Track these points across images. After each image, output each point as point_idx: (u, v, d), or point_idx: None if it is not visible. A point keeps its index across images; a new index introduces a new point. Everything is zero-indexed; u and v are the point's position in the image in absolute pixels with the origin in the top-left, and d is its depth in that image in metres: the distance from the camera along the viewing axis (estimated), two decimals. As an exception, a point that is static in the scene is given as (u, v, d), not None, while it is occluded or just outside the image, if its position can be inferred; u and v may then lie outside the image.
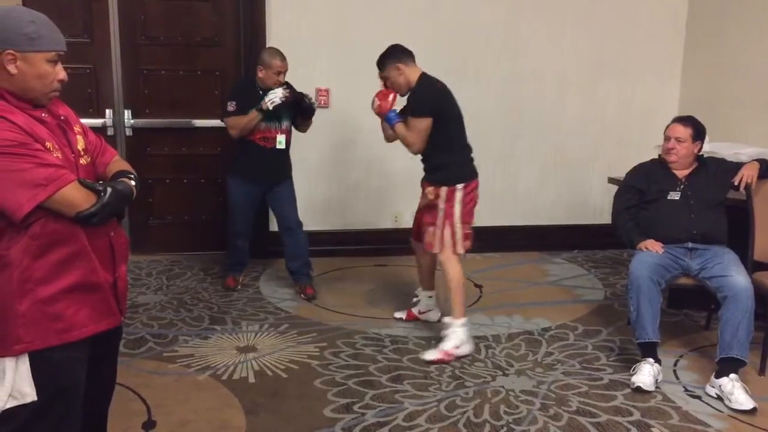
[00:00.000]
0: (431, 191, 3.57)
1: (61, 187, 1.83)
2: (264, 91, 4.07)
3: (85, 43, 4.81)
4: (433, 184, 3.57)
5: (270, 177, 4.26)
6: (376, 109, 3.64)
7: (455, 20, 5.11)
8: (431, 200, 3.58)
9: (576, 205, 5.58)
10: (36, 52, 1.87)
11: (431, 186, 3.58)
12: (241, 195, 4.28)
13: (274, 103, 4.01)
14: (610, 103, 5.48)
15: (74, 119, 2.07)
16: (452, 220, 3.53)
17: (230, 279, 4.51)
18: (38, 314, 1.89)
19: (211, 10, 4.95)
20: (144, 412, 2.95)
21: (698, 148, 3.55)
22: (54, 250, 1.89)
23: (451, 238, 3.54)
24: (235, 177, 4.27)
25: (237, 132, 4.09)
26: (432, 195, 3.57)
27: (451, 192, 3.53)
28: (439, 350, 3.51)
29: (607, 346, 3.71)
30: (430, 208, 3.61)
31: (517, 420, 2.94)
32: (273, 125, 4.13)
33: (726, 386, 3.08)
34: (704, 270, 3.37)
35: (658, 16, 5.41)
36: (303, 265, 4.39)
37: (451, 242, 3.55)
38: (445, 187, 3.53)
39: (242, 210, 4.32)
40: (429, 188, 3.59)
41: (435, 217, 3.56)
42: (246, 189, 4.25)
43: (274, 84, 4.05)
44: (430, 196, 3.58)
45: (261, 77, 4.09)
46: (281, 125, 4.16)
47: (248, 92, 4.11)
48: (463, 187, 3.55)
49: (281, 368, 3.38)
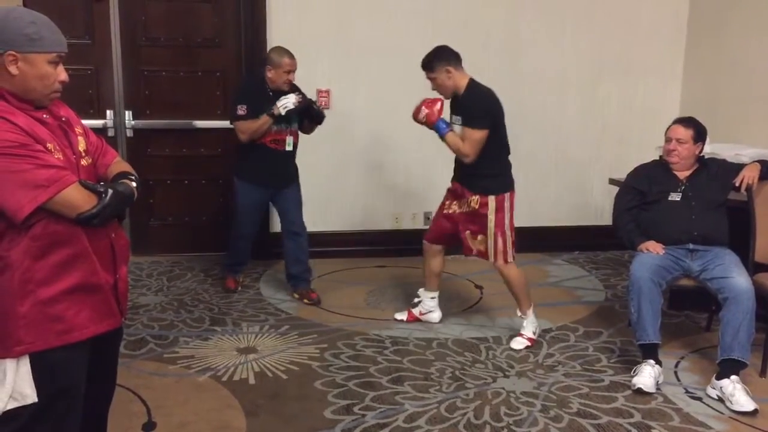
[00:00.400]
0: (476, 200, 3.58)
1: (62, 188, 1.83)
2: (273, 92, 4.02)
3: (87, 44, 4.82)
4: (479, 193, 3.58)
5: (279, 180, 4.21)
6: (423, 118, 3.54)
7: (455, 21, 5.11)
8: (476, 209, 3.59)
9: (577, 206, 5.58)
10: (37, 53, 1.87)
11: (476, 195, 3.58)
12: (249, 197, 4.22)
13: (287, 108, 3.95)
14: (610, 104, 5.48)
15: (75, 120, 2.07)
16: (504, 229, 3.59)
17: (231, 280, 4.48)
18: (39, 315, 1.89)
19: (211, 11, 4.95)
20: (144, 413, 2.95)
21: (699, 149, 3.54)
22: (55, 252, 1.89)
23: (504, 246, 3.61)
24: (244, 179, 4.21)
25: (247, 137, 4.02)
26: (477, 204, 3.58)
27: (501, 201, 3.58)
28: (524, 338, 3.70)
29: (608, 348, 3.70)
30: (472, 215, 3.62)
31: (517, 422, 2.93)
32: (284, 127, 4.10)
33: (727, 388, 3.08)
34: (705, 271, 3.37)
35: (659, 16, 5.41)
36: (305, 270, 4.36)
37: (503, 250, 3.62)
38: (494, 197, 3.57)
39: (250, 212, 4.28)
40: (474, 197, 3.59)
41: (483, 226, 3.59)
42: (255, 191, 4.21)
43: (284, 83, 4.01)
44: (474, 205, 3.59)
45: (270, 77, 4.03)
46: (291, 127, 4.14)
47: (257, 93, 4.04)
48: (509, 195, 3.63)
49: (281, 369, 3.38)
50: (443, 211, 3.78)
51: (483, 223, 3.58)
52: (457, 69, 3.57)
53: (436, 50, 3.59)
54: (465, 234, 3.67)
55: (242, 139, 4.04)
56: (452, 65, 3.55)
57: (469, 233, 3.65)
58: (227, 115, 5.07)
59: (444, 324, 4.00)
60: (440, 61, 3.54)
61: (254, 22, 4.90)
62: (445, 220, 3.76)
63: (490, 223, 3.57)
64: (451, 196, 3.74)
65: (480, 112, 3.51)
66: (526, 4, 5.23)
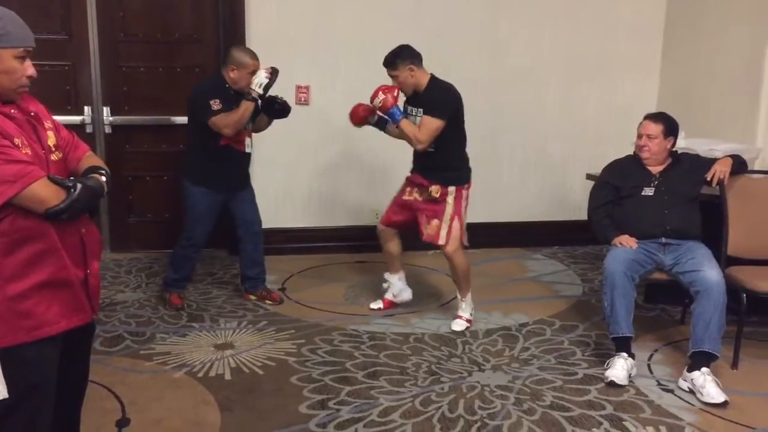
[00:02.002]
0: (437, 189, 3.74)
1: (29, 183, 1.84)
2: (237, 93, 3.82)
3: (63, 39, 4.78)
4: (440, 183, 3.74)
5: (239, 182, 4.06)
6: (380, 103, 3.67)
7: (435, 20, 5.12)
8: (435, 197, 3.75)
9: (556, 201, 5.62)
10: (3, 49, 1.87)
11: (436, 185, 3.74)
12: (206, 204, 3.96)
13: (261, 84, 3.75)
14: (589, 101, 5.52)
15: (45, 115, 2.07)
16: (461, 216, 3.79)
17: (175, 296, 4.14)
18: (8, 312, 1.89)
19: (190, 7, 4.94)
20: (118, 409, 2.95)
21: (671, 144, 3.58)
22: (24, 247, 1.89)
23: (459, 232, 3.80)
24: (200, 184, 3.93)
25: (232, 129, 3.77)
26: (437, 193, 3.74)
27: (459, 191, 3.77)
28: (464, 319, 3.91)
29: (583, 341, 3.74)
30: (430, 203, 3.79)
31: (491, 415, 2.96)
32: (244, 127, 3.90)
33: (698, 380, 3.12)
34: (677, 265, 3.41)
35: (637, 13, 5.45)
36: (262, 271, 4.23)
37: (458, 236, 3.80)
38: (454, 188, 3.76)
39: (207, 220, 4.01)
40: (434, 186, 3.74)
41: (440, 212, 3.76)
42: (212, 197, 3.96)
43: (247, 85, 3.79)
44: (435, 195, 3.75)
45: (234, 78, 3.80)
46: (247, 128, 3.94)
47: (224, 92, 3.81)
48: (467, 186, 3.83)
49: (258, 365, 3.39)
50: (402, 198, 3.94)
51: (440, 210, 3.77)
52: (419, 67, 3.71)
53: (399, 49, 3.72)
54: (421, 219, 3.84)
55: (227, 134, 3.79)
56: (415, 64, 3.69)
57: (425, 218, 3.82)
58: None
59: (421, 319, 4.02)
60: (403, 60, 3.67)
61: (233, 17, 4.88)
62: (403, 206, 3.93)
63: (448, 208, 3.76)
64: (411, 185, 3.90)
65: (442, 103, 3.68)
66: (505, 4, 5.25)
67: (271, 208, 5.09)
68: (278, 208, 5.12)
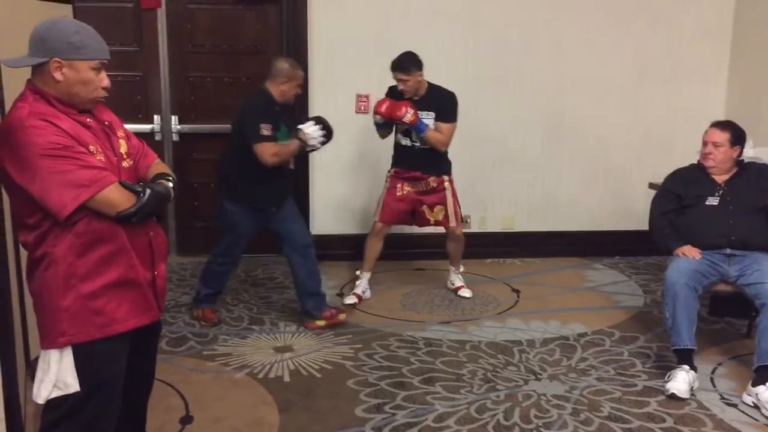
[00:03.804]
0: (434, 179, 4.29)
1: (102, 187, 1.94)
2: (280, 106, 3.78)
3: (135, 51, 4.99)
4: (436, 175, 4.29)
5: (284, 199, 3.92)
6: (410, 117, 4.08)
7: (496, 24, 5.12)
8: (434, 187, 4.29)
9: (619, 211, 5.52)
10: (81, 60, 1.98)
11: (433, 176, 4.28)
12: (248, 223, 3.85)
13: (314, 145, 3.75)
14: (653, 108, 5.41)
15: (118, 124, 2.18)
16: (457, 199, 4.39)
17: (209, 311, 4.03)
18: (81, 309, 1.99)
19: (255, 19, 5.08)
20: (182, 407, 3.06)
21: (737, 152, 3.50)
22: (96, 248, 1.99)
23: (459, 211, 4.42)
24: (243, 203, 3.80)
25: (278, 160, 3.70)
26: (435, 183, 4.29)
27: (451, 179, 4.36)
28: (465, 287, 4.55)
29: (644, 353, 3.67)
30: (430, 192, 4.30)
31: (547, 424, 2.94)
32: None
33: (762, 395, 3.03)
34: (743, 276, 3.32)
35: (703, 18, 5.32)
36: (320, 281, 4.03)
37: (459, 214, 4.42)
38: (448, 176, 4.34)
39: (244, 239, 3.93)
40: (431, 178, 4.28)
41: (441, 198, 4.32)
42: (255, 216, 3.84)
43: (293, 96, 3.83)
44: (433, 184, 4.29)
45: (284, 90, 3.77)
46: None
47: (270, 110, 3.75)
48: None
49: (316, 368, 3.45)
50: (396, 194, 4.33)
51: (441, 196, 4.32)
52: (423, 74, 4.16)
53: (412, 56, 4.11)
54: (422, 208, 4.33)
55: (269, 163, 3.67)
56: (422, 70, 4.13)
57: (427, 207, 4.32)
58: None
59: (478, 327, 4.02)
60: (415, 67, 4.09)
61: (296, 29, 5.00)
62: (400, 202, 4.32)
63: (449, 194, 4.32)
64: (400, 182, 4.32)
65: (454, 109, 4.22)
66: (568, 8, 5.21)
67: (331, 215, 5.18)
68: (338, 215, 5.19)
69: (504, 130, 5.27)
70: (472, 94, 5.10)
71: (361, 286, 4.44)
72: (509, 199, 5.39)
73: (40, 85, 1.97)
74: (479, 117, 5.16)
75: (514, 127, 5.28)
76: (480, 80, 5.16)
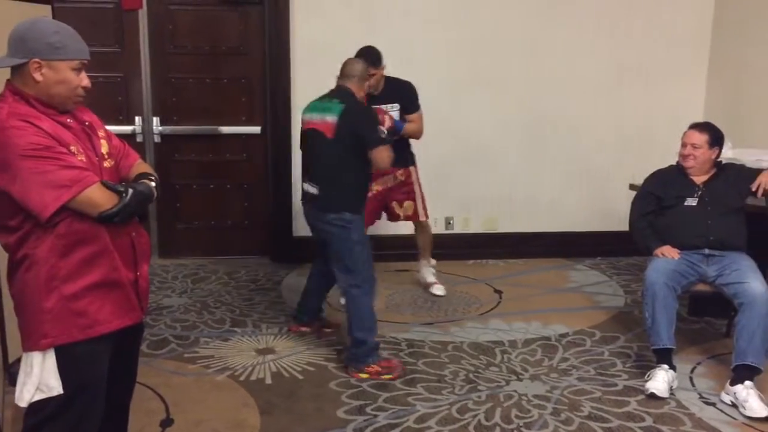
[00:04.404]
0: (402, 173, 4.24)
1: (84, 188, 1.93)
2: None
3: (116, 52, 4.96)
4: (402, 166, 4.19)
5: None
6: (389, 125, 3.66)
7: (477, 29, 5.14)
8: (402, 180, 4.25)
9: (600, 212, 5.55)
10: (60, 61, 1.97)
11: (401, 169, 4.19)
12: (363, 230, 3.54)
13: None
14: (633, 110, 5.45)
15: (98, 125, 2.17)
16: (422, 190, 4.37)
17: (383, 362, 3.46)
18: (63, 310, 1.98)
19: (237, 20, 5.06)
20: (162, 410, 3.04)
21: (716, 154, 3.53)
22: (78, 249, 1.98)
23: (426, 204, 4.41)
24: (360, 213, 3.47)
25: (386, 165, 3.47)
26: (403, 176, 4.25)
27: (416, 170, 4.34)
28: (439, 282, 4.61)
29: (624, 353, 3.70)
30: (399, 187, 4.26)
31: (528, 424, 2.96)
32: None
33: (740, 393, 3.06)
34: (721, 276, 3.36)
35: (683, 20, 5.36)
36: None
37: (426, 207, 4.41)
38: (413, 167, 4.32)
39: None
40: (399, 171, 4.20)
41: (409, 192, 4.31)
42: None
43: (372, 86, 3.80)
44: (401, 177, 4.25)
45: (372, 84, 3.77)
46: None
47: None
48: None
49: (298, 370, 3.45)
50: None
51: (410, 190, 4.30)
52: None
53: (376, 50, 4.00)
54: (392, 204, 4.32)
55: (383, 167, 3.46)
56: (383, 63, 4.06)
57: (396, 203, 4.31)
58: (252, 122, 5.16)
59: (461, 327, 4.03)
60: (380, 60, 4.01)
61: (278, 30, 4.99)
62: (370, 202, 3.83)
63: (416, 187, 4.32)
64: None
65: (416, 96, 4.20)
66: (548, 11, 5.24)
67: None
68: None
69: (486, 132, 5.29)
70: (454, 96, 5.12)
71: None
72: (492, 201, 5.41)
73: (20, 86, 1.96)
74: (461, 119, 5.18)
75: (495, 128, 5.31)
76: (461, 82, 5.18)
